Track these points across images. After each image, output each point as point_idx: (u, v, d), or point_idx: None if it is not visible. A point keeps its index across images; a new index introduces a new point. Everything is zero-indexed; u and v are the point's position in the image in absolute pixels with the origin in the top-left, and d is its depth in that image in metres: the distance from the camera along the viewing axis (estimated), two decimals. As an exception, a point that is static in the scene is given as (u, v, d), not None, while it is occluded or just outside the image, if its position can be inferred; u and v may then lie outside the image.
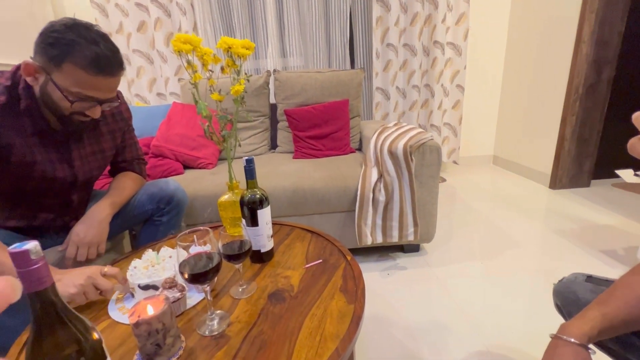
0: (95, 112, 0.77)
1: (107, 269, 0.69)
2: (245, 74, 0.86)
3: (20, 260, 0.31)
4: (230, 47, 0.81)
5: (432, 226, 1.39)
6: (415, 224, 1.30)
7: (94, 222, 0.84)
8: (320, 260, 0.81)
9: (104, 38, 0.73)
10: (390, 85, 2.38)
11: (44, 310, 0.34)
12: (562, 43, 2.02)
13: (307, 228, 0.98)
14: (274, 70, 1.84)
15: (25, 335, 0.60)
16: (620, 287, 0.55)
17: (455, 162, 2.61)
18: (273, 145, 1.92)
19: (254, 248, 0.78)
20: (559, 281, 0.69)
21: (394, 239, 1.32)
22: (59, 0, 2.12)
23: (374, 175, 1.30)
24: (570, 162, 2.10)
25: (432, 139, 1.30)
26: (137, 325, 0.50)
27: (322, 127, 1.72)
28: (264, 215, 0.77)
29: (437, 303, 1.17)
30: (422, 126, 2.55)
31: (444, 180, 2.48)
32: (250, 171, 0.76)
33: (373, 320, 1.11)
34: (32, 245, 0.31)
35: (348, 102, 1.76)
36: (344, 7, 2.26)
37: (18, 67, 0.75)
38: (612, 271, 1.28)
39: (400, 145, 1.25)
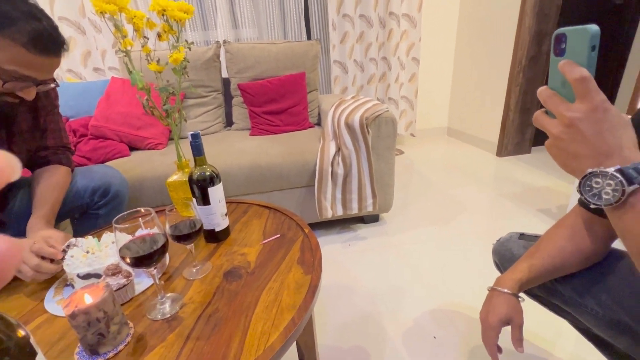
0: (30, 94, 0.67)
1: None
2: (186, 41, 0.78)
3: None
4: (164, 10, 0.73)
5: (389, 196, 1.43)
6: (374, 195, 1.33)
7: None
8: (278, 235, 0.80)
9: (44, 13, 0.66)
10: (347, 58, 2.35)
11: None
12: (508, 15, 2.10)
13: (265, 204, 0.96)
14: (224, 42, 1.73)
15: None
16: (545, 240, 0.61)
17: (412, 135, 2.70)
18: (229, 123, 1.83)
19: (207, 227, 0.75)
20: (497, 241, 0.74)
21: (354, 210, 1.35)
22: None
23: (332, 149, 1.29)
24: (514, 131, 2.25)
25: (387, 111, 1.31)
26: (73, 316, 0.46)
27: (279, 102, 1.66)
28: (216, 193, 0.73)
29: (395, 269, 1.23)
30: (380, 100, 2.57)
31: (401, 152, 2.56)
32: (197, 147, 0.72)
33: (334, 289, 1.14)
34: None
35: (305, 75, 1.71)
36: (297, -27, 2.14)
37: None
38: (546, 227, 1.42)
39: (357, 117, 1.24)
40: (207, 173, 0.72)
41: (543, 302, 0.68)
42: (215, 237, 0.77)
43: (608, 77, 2.40)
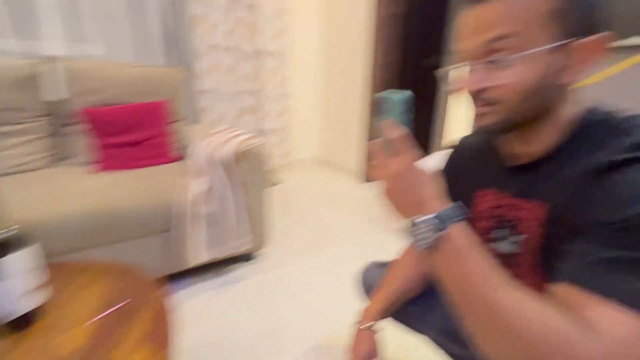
0: None
1: None
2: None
3: None
4: None
5: (265, 232, 1.40)
6: (249, 232, 1.27)
7: None
8: (122, 303, 0.64)
9: None
10: (217, 88, 2.27)
11: None
12: (361, 65, 2.48)
13: (103, 265, 0.77)
14: (58, 58, 1.39)
15: None
16: (394, 267, 0.68)
17: (288, 165, 2.79)
18: (62, 156, 1.46)
19: (-1, 315, 0.53)
20: (360, 272, 0.80)
21: (229, 251, 1.25)
22: None
23: (198, 186, 1.18)
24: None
25: (259, 144, 1.30)
26: None
27: (135, 132, 1.43)
28: (15, 264, 0.53)
29: (274, 307, 1.18)
30: (254, 131, 2.57)
31: (278, 183, 2.60)
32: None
33: (209, 347, 1.00)
34: None
35: (166, 103, 1.54)
36: (157, -5, 1.98)
37: None
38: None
39: (226, 152, 1.18)
40: (2, 236, 0.52)
41: (400, 322, 0.75)
42: (15, 326, 0.56)
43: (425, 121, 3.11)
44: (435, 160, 1.55)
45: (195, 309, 1.16)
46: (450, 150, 0.66)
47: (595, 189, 0.36)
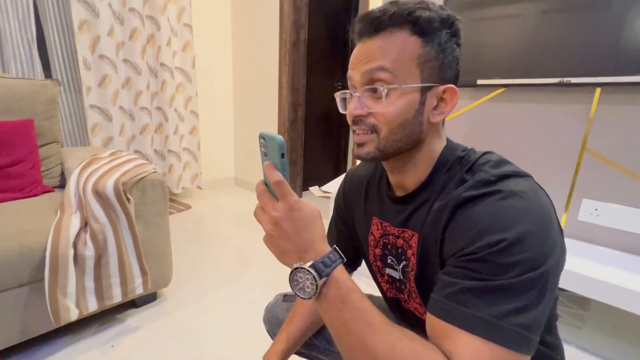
0: None
1: None
2: None
3: None
4: None
5: (167, 268, 1.24)
6: (144, 273, 1.11)
7: None
8: None
9: None
10: (111, 104, 1.99)
11: None
12: (270, 88, 2.49)
13: None
14: None
15: None
16: (298, 302, 0.67)
17: (199, 187, 2.59)
18: None
19: None
20: (266, 308, 0.76)
21: (116, 299, 1.06)
22: None
23: (74, 224, 0.98)
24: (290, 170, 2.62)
25: (154, 172, 1.16)
26: None
27: (-19, 160, 1.14)
28: None
29: (183, 355, 1.04)
30: (159, 152, 2.33)
31: (189, 207, 2.39)
32: None
33: None
34: None
35: (32, 123, 1.27)
36: (21, -7, 1.66)
37: None
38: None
39: (110, 183, 1.02)
40: None
41: (306, 357, 0.73)
42: None
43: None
44: (333, 187, 1.63)
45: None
46: (341, 181, 0.68)
47: (454, 222, 0.40)
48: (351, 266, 0.70)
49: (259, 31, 2.50)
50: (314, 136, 2.88)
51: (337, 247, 0.39)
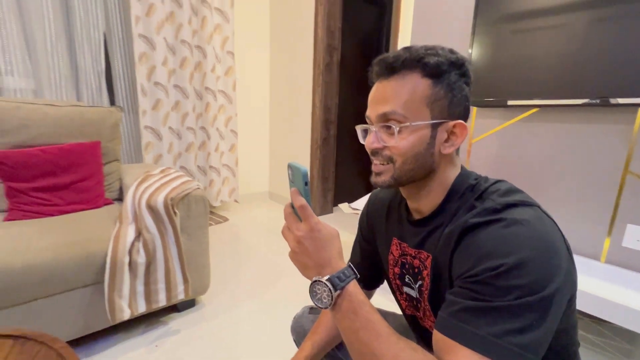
0: None
1: None
2: None
3: None
4: None
5: (205, 277, 1.35)
6: (186, 280, 1.22)
7: None
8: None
9: None
10: (162, 125, 2.22)
11: None
12: (304, 107, 2.62)
13: (7, 333, 0.68)
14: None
15: None
16: (323, 314, 0.72)
17: (236, 201, 2.75)
18: (-33, 202, 1.29)
19: None
20: (293, 318, 0.81)
21: (161, 303, 1.17)
22: None
23: (130, 233, 1.12)
24: (319, 195, 2.70)
25: (198, 188, 1.29)
26: None
27: (58, 176, 1.33)
28: None
29: (216, 357, 1.12)
30: (201, 168, 2.53)
31: (226, 219, 2.54)
32: None
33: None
34: None
35: (99, 144, 1.47)
36: (96, 34, 1.95)
37: None
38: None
39: (161, 198, 1.15)
40: None
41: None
42: None
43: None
44: (361, 204, 1.66)
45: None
46: (367, 200, 0.74)
47: (460, 246, 0.44)
48: (373, 283, 0.74)
49: (294, 55, 2.66)
50: (346, 153, 2.95)
51: (352, 265, 0.44)
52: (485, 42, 1.35)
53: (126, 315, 1.08)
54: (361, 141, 0.59)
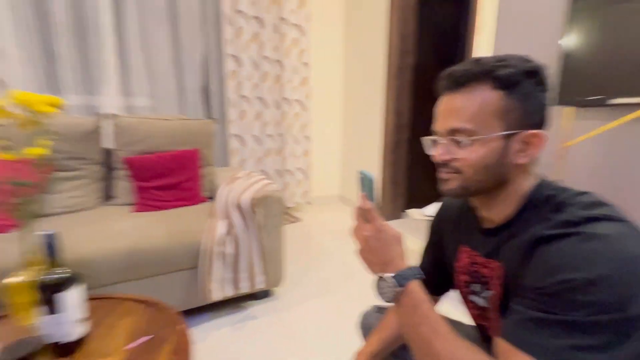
0: None
1: None
2: (54, 132, 0.75)
3: None
4: (29, 104, 0.71)
5: (280, 271, 1.49)
6: (265, 272, 1.37)
7: None
8: (150, 337, 0.74)
9: None
10: (245, 132, 2.50)
11: None
12: (376, 111, 2.64)
13: (139, 298, 0.89)
14: (112, 115, 1.66)
15: None
16: (390, 312, 0.75)
17: (308, 203, 2.91)
18: (107, 196, 1.67)
19: (54, 340, 0.65)
20: (361, 314, 0.86)
21: (245, 289, 1.34)
22: None
23: (221, 227, 1.31)
24: (389, 200, 2.68)
25: (276, 190, 1.43)
26: None
27: (169, 177, 1.63)
28: (69, 298, 0.66)
29: (287, 348, 1.24)
30: (278, 171, 2.75)
31: (298, 220, 2.71)
32: (50, 247, 0.65)
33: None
34: None
35: (198, 151, 1.74)
36: (197, 57, 2.31)
37: None
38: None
39: (246, 198, 1.32)
40: (62, 276, 0.65)
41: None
42: (64, 349, 0.67)
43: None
44: (432, 210, 1.60)
45: (212, 343, 1.23)
46: (438, 206, 0.74)
47: (532, 257, 0.43)
48: (440, 289, 0.74)
49: (367, 60, 2.71)
50: (418, 158, 2.87)
51: (417, 266, 0.48)
52: (584, 29, 1.20)
53: (216, 297, 1.27)
54: (429, 152, 0.61)
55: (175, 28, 2.24)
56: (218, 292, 1.27)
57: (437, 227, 0.72)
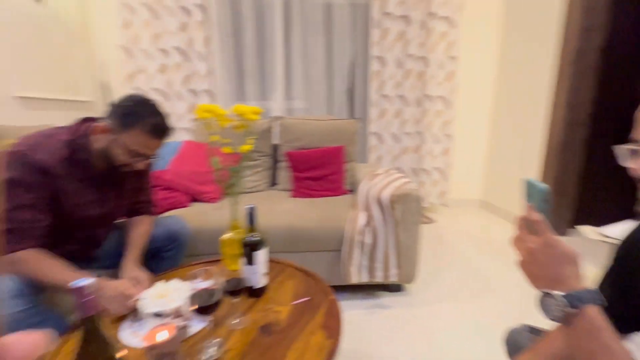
0: (142, 165, 0.94)
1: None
2: (253, 132, 1.02)
3: (79, 293, 0.45)
4: (243, 113, 0.98)
5: (413, 268, 1.51)
6: (399, 267, 1.42)
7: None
8: (307, 298, 0.93)
9: (161, 110, 0.93)
10: (384, 130, 2.59)
11: (90, 329, 0.48)
12: (539, 106, 2.24)
13: (299, 267, 1.10)
14: (280, 117, 2.05)
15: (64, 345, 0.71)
16: (545, 339, 0.67)
17: (444, 205, 2.76)
18: (273, 182, 2.08)
19: (248, 284, 0.91)
20: (509, 330, 0.80)
21: (379, 278, 1.43)
22: (93, 43, 2.37)
23: (362, 219, 1.44)
24: (551, 212, 2.24)
25: (415, 189, 1.45)
26: (150, 348, 0.62)
27: (318, 170, 1.88)
28: (260, 255, 0.90)
29: (414, 342, 1.26)
30: (414, 169, 2.72)
31: (432, 221, 2.61)
32: (251, 217, 0.90)
33: (354, 354, 1.20)
34: (89, 282, 0.45)
35: (343, 148, 1.94)
36: (346, 62, 2.53)
37: (78, 125, 0.92)
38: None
39: (386, 194, 1.40)
40: (256, 239, 0.90)
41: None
42: (254, 293, 0.92)
43: None
44: (619, 230, 1.24)
45: (347, 319, 1.39)
46: (629, 228, 0.62)
47: None
48: (628, 325, 0.61)
49: (530, 46, 2.32)
50: (599, 163, 2.27)
51: (597, 290, 0.42)
52: None
53: (354, 279, 1.41)
54: (622, 164, 0.52)
55: (330, 37, 2.52)
56: (355, 276, 1.41)
57: (627, 254, 0.60)
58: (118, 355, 0.55)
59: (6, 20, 1.69)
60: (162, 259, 1.16)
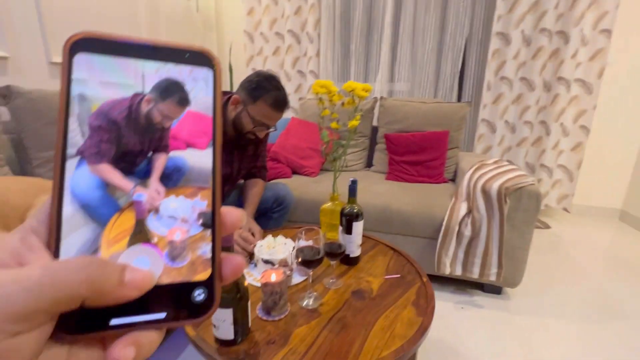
0: (263, 134, 1.09)
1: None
2: (361, 110, 1.05)
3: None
4: (353, 90, 1.02)
5: (519, 272, 1.35)
6: (500, 266, 1.29)
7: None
8: (399, 275, 0.94)
9: (282, 86, 1.07)
10: (498, 118, 2.30)
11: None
12: None
13: (390, 245, 1.11)
14: (381, 97, 2.03)
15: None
16: None
17: (565, 210, 2.34)
18: (369, 164, 2.10)
19: (346, 252, 0.96)
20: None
21: (474, 275, 1.33)
22: (222, 30, 2.74)
23: (462, 209, 1.35)
24: None
25: (532, 184, 1.27)
26: (265, 285, 0.73)
27: (417, 154, 1.82)
28: (358, 227, 0.94)
29: (508, 350, 1.15)
30: (529, 165, 2.37)
31: (547, 226, 2.25)
32: (353, 190, 0.95)
33: (439, 344, 1.17)
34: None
35: (448, 133, 1.81)
36: (460, 40, 2.31)
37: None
38: None
39: (495, 186, 1.27)
40: (355, 210, 0.94)
41: None
42: (349, 261, 0.98)
43: None
44: None
45: (436, 311, 1.34)
46: None
47: None
48: None
49: None
50: None
51: None
52: None
53: (447, 270, 1.35)
54: None
55: (444, 12, 2.33)
56: (448, 267, 1.34)
57: None
58: (245, 283, 0.68)
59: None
60: (269, 218, 1.33)
